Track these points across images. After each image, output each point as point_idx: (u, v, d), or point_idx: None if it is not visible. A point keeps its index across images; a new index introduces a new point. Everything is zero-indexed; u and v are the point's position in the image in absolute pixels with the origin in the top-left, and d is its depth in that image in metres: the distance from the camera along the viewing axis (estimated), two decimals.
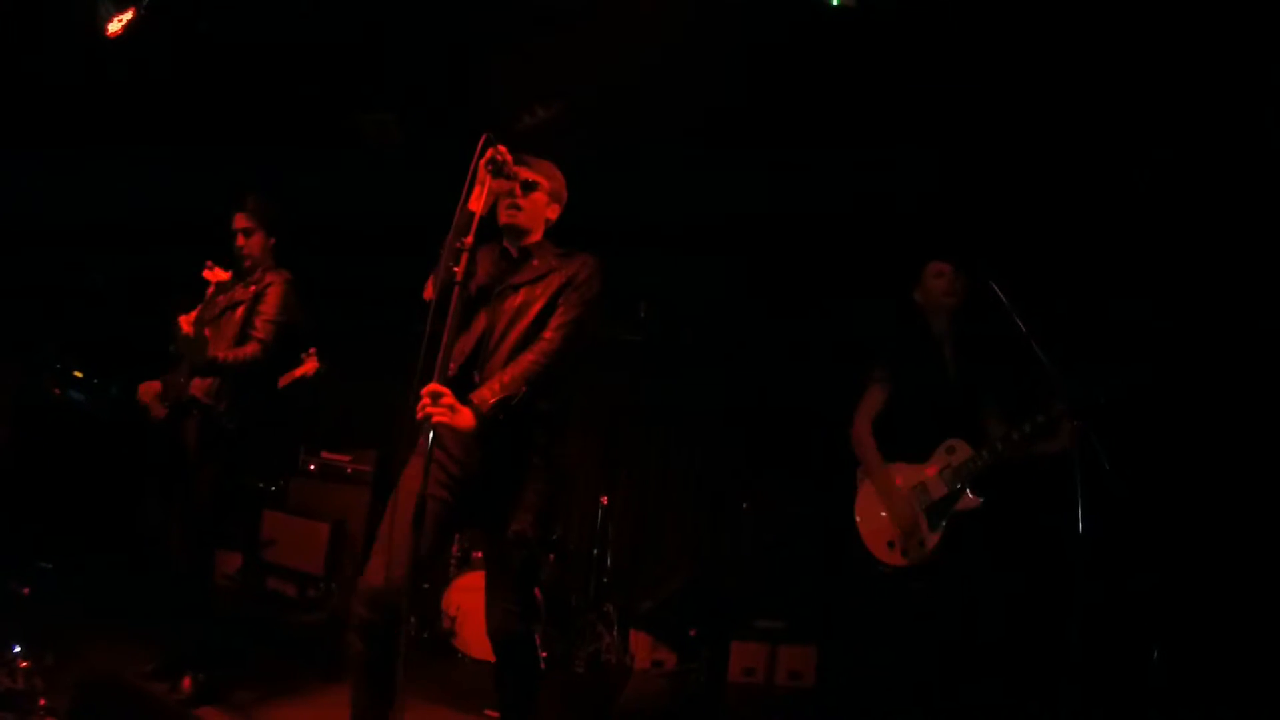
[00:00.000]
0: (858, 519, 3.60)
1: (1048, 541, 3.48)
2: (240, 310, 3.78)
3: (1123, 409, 3.15)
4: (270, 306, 3.77)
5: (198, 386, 3.66)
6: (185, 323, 3.45)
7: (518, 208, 2.80)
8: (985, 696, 3.52)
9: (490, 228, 2.85)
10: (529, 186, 2.82)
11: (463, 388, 2.56)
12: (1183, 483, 3.94)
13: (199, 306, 3.64)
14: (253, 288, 3.83)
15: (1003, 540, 3.43)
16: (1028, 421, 3.25)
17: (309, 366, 4.32)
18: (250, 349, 3.67)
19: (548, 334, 2.65)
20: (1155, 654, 3.72)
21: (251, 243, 3.88)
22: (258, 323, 3.74)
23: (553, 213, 2.92)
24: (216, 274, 3.67)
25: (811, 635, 5.03)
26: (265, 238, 3.92)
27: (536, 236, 2.88)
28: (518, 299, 2.72)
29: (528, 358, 2.60)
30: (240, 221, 3.88)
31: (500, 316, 2.70)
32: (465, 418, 2.45)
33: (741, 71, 4.45)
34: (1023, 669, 3.75)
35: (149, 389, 3.78)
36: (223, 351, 3.63)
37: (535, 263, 2.79)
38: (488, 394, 2.50)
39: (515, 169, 2.69)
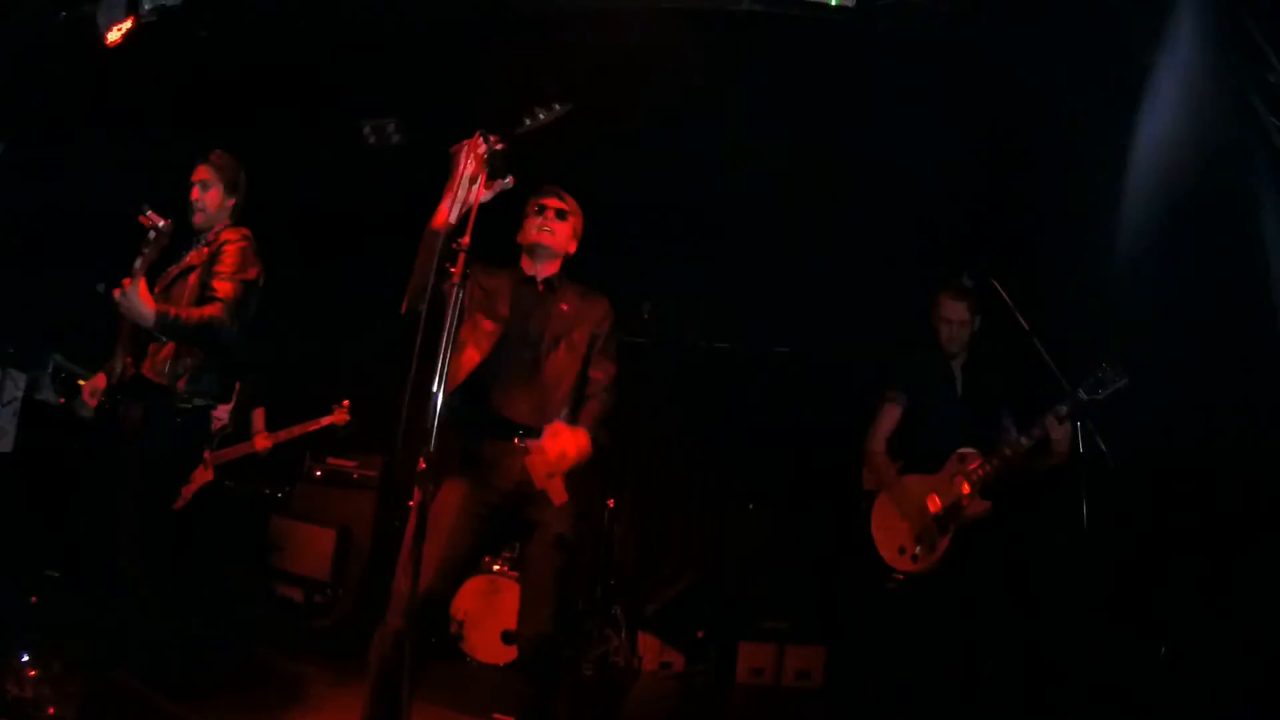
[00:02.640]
0: (873, 529, 3.75)
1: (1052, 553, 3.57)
2: (194, 276, 3.35)
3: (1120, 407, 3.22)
4: (229, 263, 3.34)
5: (147, 366, 3.29)
6: (126, 283, 3.05)
7: (551, 231, 2.90)
8: (991, 697, 3.54)
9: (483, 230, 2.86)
10: (563, 214, 2.93)
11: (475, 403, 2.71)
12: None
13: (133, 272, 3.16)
14: (206, 249, 3.40)
15: (1009, 550, 3.57)
16: (1033, 429, 3.38)
17: (339, 417, 4.29)
18: (211, 309, 3.22)
19: (601, 396, 2.89)
20: (1161, 650, 3.73)
21: (208, 197, 3.47)
22: (215, 283, 3.30)
23: (572, 247, 3.02)
24: (153, 219, 3.12)
25: (819, 635, 5.03)
26: (224, 196, 3.51)
27: (557, 267, 2.97)
28: (560, 352, 2.84)
29: (598, 403, 2.87)
30: (201, 173, 3.50)
31: (556, 366, 2.82)
32: (577, 448, 2.60)
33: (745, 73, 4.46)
34: (1028, 671, 3.77)
35: (94, 386, 3.43)
36: (179, 309, 3.19)
37: (564, 308, 2.89)
38: (586, 423, 2.76)
39: (545, 198, 2.91)
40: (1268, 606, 3.39)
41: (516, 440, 2.71)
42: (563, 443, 2.57)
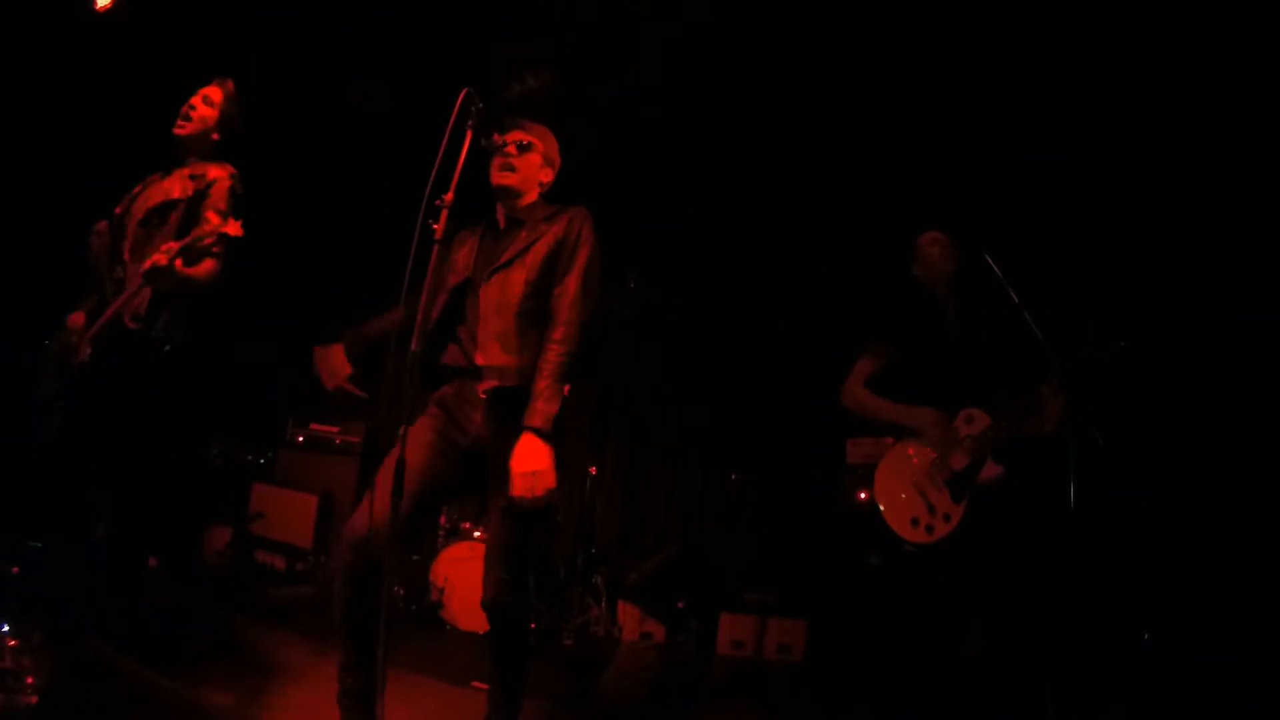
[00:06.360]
0: (878, 500, 3.49)
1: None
2: (176, 215, 3.14)
3: (1110, 378, 3.13)
4: (220, 203, 3.14)
5: (123, 305, 3.06)
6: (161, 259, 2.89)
7: (511, 168, 2.76)
8: (976, 671, 3.52)
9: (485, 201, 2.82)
10: (524, 147, 2.79)
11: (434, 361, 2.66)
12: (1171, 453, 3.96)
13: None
14: (191, 185, 3.19)
15: (1026, 515, 3.31)
16: (1030, 393, 3.18)
17: None
18: (206, 266, 3.04)
19: (558, 332, 2.56)
20: (1146, 635, 3.75)
21: (205, 113, 3.30)
22: (210, 215, 3.05)
23: (546, 176, 2.88)
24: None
25: (801, 608, 5.05)
26: (217, 123, 3.34)
27: (531, 199, 2.83)
28: (510, 276, 2.65)
29: (550, 359, 2.53)
30: (212, 91, 3.34)
31: (492, 296, 2.64)
32: (546, 459, 2.43)
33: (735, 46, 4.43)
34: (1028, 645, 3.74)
35: (74, 324, 3.25)
36: (179, 264, 2.94)
37: (523, 234, 2.72)
38: (538, 421, 2.45)
39: (505, 134, 2.71)
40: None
41: (481, 390, 2.60)
42: (525, 463, 2.43)
